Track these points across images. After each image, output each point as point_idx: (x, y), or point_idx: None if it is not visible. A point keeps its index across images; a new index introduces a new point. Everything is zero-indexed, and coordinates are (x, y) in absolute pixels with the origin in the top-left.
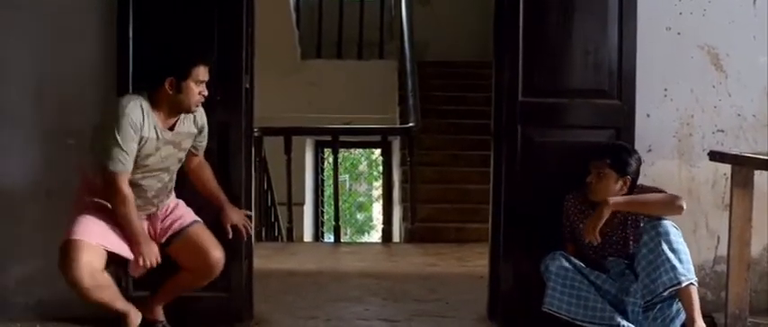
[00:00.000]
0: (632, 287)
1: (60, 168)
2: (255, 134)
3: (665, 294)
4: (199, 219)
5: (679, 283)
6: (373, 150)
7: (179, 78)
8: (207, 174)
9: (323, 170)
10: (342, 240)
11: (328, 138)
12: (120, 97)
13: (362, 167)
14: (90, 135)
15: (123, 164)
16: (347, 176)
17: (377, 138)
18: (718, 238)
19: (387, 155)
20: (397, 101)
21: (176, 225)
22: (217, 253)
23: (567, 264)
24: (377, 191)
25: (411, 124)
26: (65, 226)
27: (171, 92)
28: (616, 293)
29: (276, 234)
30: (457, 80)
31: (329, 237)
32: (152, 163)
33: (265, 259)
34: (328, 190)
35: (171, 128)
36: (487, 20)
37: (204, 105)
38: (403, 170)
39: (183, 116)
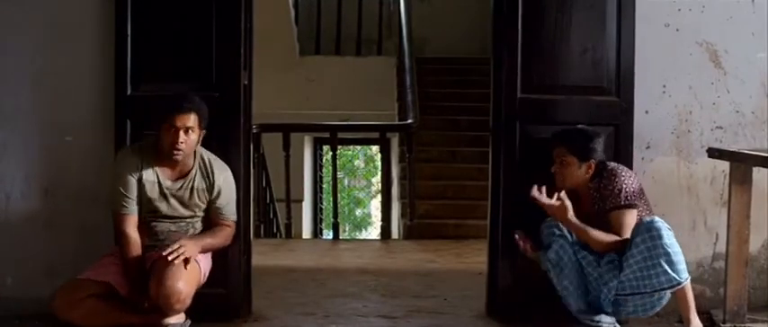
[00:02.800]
0: (612, 283)
1: (58, 165)
2: (254, 130)
3: (652, 292)
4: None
5: (674, 286)
6: (371, 147)
7: (158, 125)
8: (212, 230)
9: (322, 166)
10: (340, 236)
11: (327, 135)
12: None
13: (359, 163)
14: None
15: (126, 207)
16: (344, 173)
17: (375, 135)
18: (717, 235)
19: (385, 152)
20: (395, 98)
21: (162, 252)
22: (177, 285)
23: (561, 254)
24: (374, 187)
25: (410, 121)
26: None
27: (159, 138)
28: (597, 277)
29: (275, 230)
30: (455, 76)
31: (328, 234)
32: (160, 209)
33: (264, 255)
34: (326, 187)
35: (179, 179)
36: (486, 16)
37: (206, 101)
38: (401, 166)
39: (195, 170)
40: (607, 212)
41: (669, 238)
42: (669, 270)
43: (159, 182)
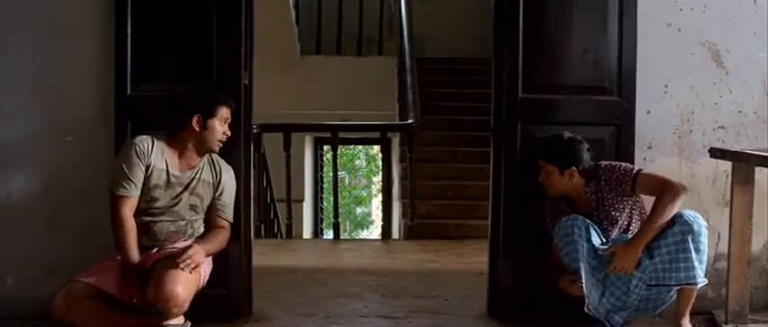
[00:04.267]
0: (645, 262)
1: (58, 165)
2: (254, 130)
3: (675, 286)
4: None
5: (695, 283)
6: (372, 146)
7: (206, 116)
8: (212, 234)
9: (322, 166)
10: (341, 236)
11: (328, 135)
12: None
13: (360, 162)
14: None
15: (126, 189)
16: (345, 172)
17: (376, 135)
18: (719, 235)
19: (386, 152)
20: (396, 98)
21: (165, 253)
22: (175, 289)
23: (577, 256)
24: (375, 186)
25: (410, 120)
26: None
27: (198, 130)
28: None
29: (275, 230)
30: (456, 76)
31: (328, 234)
32: (161, 200)
33: (265, 255)
34: (327, 187)
35: (187, 170)
36: (487, 16)
37: None
38: (402, 166)
39: (203, 163)
40: (633, 191)
41: (706, 237)
42: (697, 266)
43: (167, 170)
